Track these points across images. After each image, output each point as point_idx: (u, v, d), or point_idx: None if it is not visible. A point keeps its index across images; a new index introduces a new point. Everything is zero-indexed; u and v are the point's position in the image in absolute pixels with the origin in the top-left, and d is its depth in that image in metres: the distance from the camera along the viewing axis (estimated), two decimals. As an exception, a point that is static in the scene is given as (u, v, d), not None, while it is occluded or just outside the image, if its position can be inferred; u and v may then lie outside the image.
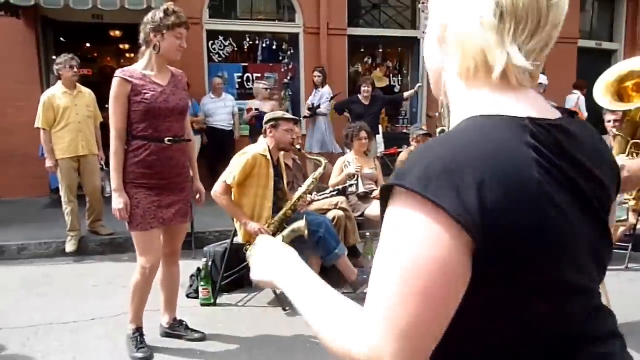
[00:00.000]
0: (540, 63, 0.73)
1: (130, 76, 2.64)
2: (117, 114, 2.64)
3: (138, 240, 2.77)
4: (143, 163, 2.68)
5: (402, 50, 8.91)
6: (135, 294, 2.84)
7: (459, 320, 0.65)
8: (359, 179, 4.66)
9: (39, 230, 5.32)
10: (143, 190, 2.69)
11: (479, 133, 0.67)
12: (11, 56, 6.73)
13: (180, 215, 2.85)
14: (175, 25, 2.65)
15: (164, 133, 2.71)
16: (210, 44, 7.64)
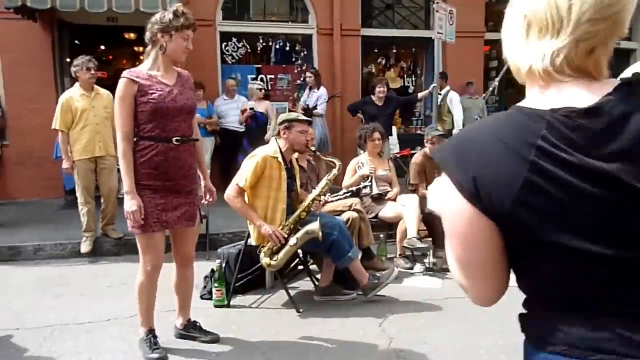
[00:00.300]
0: (587, 54, 0.81)
1: (136, 76, 2.63)
2: (123, 115, 2.62)
3: (140, 241, 2.76)
4: (149, 163, 2.65)
5: (416, 50, 8.87)
6: (141, 296, 2.83)
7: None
8: (373, 180, 4.63)
9: (54, 231, 5.37)
10: (148, 192, 2.67)
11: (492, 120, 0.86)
12: (27, 59, 6.81)
13: (185, 219, 2.79)
14: (184, 26, 2.64)
15: (171, 133, 2.69)
16: (224, 46, 7.67)
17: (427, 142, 5.00)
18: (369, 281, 3.63)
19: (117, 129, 2.65)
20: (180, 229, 2.82)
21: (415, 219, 4.39)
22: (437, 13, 6.72)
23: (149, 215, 2.67)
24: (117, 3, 5.82)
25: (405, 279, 4.18)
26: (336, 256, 3.52)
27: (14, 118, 6.87)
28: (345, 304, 3.67)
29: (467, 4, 7.78)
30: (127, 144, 2.63)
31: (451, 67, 8.13)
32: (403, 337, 3.11)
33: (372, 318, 3.38)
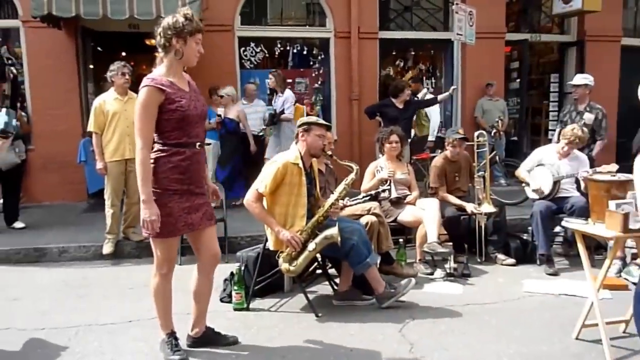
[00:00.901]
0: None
1: (161, 84, 2.62)
2: (147, 122, 2.61)
3: (162, 246, 2.75)
4: (178, 169, 2.68)
5: (435, 52, 8.81)
6: (158, 299, 2.84)
7: None
8: (392, 184, 4.61)
9: (78, 233, 5.48)
10: (176, 197, 2.69)
11: None
12: (53, 65, 6.98)
13: (206, 218, 2.84)
14: (196, 30, 2.65)
15: (194, 138, 2.72)
16: (242, 51, 7.73)
17: (448, 145, 4.96)
18: (385, 290, 3.61)
19: (137, 136, 2.62)
20: (203, 230, 2.84)
21: (436, 223, 4.35)
22: (457, 14, 6.68)
23: (177, 220, 2.70)
24: (138, 10, 5.92)
25: (426, 284, 4.15)
26: (354, 261, 3.50)
27: (38, 123, 7.03)
28: (365, 308, 3.66)
29: (488, 4, 7.70)
30: (147, 152, 2.63)
31: (471, 68, 8.06)
32: (424, 343, 3.08)
33: (392, 323, 3.36)
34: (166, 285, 2.84)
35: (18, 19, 7.03)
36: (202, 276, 2.93)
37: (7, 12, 7.21)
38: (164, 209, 2.65)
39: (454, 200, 4.81)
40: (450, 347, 3.02)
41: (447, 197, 4.82)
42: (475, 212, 4.70)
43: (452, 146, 4.88)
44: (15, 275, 4.62)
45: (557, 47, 9.27)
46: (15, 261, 4.95)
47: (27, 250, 5.02)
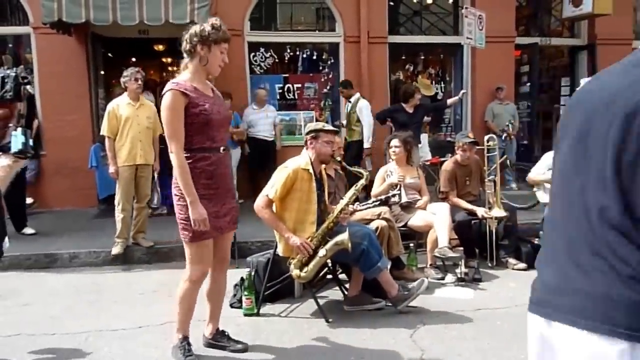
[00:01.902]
0: None
1: (185, 89, 2.66)
2: (177, 125, 2.62)
3: (194, 251, 2.77)
4: (205, 174, 2.71)
5: (444, 56, 8.78)
6: (182, 304, 2.86)
7: None
8: (402, 188, 4.58)
9: (89, 239, 5.50)
10: (205, 202, 2.70)
11: None
12: (63, 71, 7.04)
13: (232, 222, 2.90)
14: (222, 39, 2.70)
15: (218, 143, 2.76)
16: (252, 56, 7.75)
17: (458, 149, 4.93)
18: (398, 292, 3.57)
19: (170, 140, 2.63)
20: (225, 234, 2.89)
21: (447, 228, 4.31)
22: (466, 18, 6.65)
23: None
24: (148, 15, 5.97)
25: (437, 289, 4.10)
26: (365, 266, 3.48)
27: (50, 129, 7.08)
28: (375, 313, 3.62)
29: (497, 8, 7.66)
30: (182, 155, 2.64)
31: (481, 72, 8.02)
32: (435, 348, 3.04)
33: (403, 329, 3.32)
34: (194, 292, 2.86)
35: (29, 26, 7.11)
36: (214, 275, 2.98)
37: (18, 19, 7.31)
38: None
39: (464, 204, 4.77)
40: (462, 352, 2.99)
41: (457, 202, 4.78)
42: (486, 216, 4.65)
43: (462, 150, 4.84)
44: (26, 280, 4.64)
45: (568, 50, 9.20)
46: (26, 267, 4.97)
47: (37, 256, 5.04)
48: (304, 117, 7.80)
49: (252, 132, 7.09)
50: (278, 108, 7.62)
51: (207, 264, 2.83)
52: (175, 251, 5.03)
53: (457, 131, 7.85)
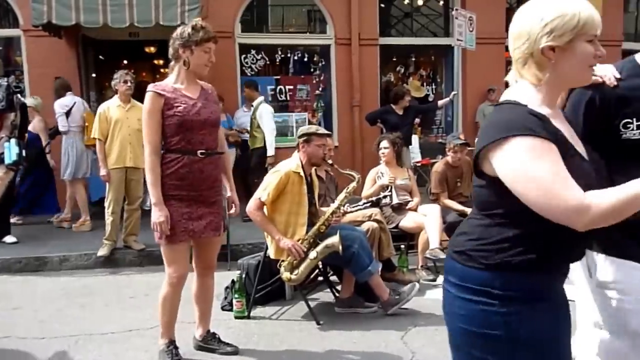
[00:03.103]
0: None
1: (162, 90, 2.68)
2: (152, 128, 2.67)
3: (166, 252, 2.78)
4: (175, 175, 2.70)
5: (435, 58, 8.82)
6: (164, 307, 2.85)
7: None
8: (393, 189, 4.59)
9: (79, 242, 5.47)
10: (174, 202, 2.70)
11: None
12: (54, 74, 6.97)
13: (211, 229, 2.83)
14: (204, 40, 2.68)
15: (197, 145, 2.73)
16: (243, 58, 7.75)
17: (449, 150, 4.94)
18: (389, 296, 3.58)
19: (145, 142, 2.69)
20: (206, 239, 2.86)
21: (438, 229, 4.33)
22: (457, 20, 6.69)
23: (176, 225, 2.70)
24: (138, 18, 5.95)
25: (428, 291, 4.12)
26: (356, 269, 3.49)
27: (41, 132, 7.02)
28: (366, 316, 3.63)
29: (487, 10, 7.71)
30: (155, 157, 2.68)
31: (471, 74, 8.06)
32: (426, 351, 3.05)
33: (394, 331, 3.33)
34: (174, 295, 2.84)
35: (19, 28, 7.07)
36: (199, 279, 2.99)
37: (8, 22, 7.26)
38: None
39: (455, 205, 4.78)
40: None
41: (448, 203, 4.80)
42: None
43: (453, 152, 4.86)
44: (16, 284, 4.61)
45: (558, 51, 9.25)
46: (16, 270, 4.93)
47: (27, 259, 5.01)
48: (296, 118, 7.80)
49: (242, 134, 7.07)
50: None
51: (183, 265, 2.81)
52: (167, 254, 5.02)
53: (448, 132, 7.87)
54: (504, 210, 1.28)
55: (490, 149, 1.23)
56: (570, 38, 1.24)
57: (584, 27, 1.24)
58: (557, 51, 1.25)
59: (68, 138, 5.95)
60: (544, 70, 1.27)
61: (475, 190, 1.37)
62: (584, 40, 1.25)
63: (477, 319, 1.29)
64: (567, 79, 1.31)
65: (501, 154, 1.21)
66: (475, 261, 1.30)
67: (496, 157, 1.23)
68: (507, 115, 1.27)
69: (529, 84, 1.30)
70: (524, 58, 1.29)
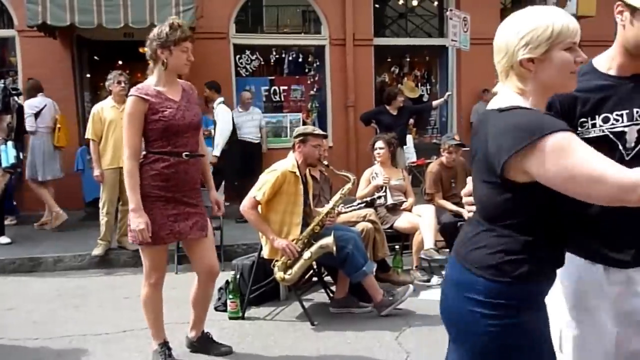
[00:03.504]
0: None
1: (145, 94, 2.63)
2: (132, 132, 2.62)
3: (148, 254, 2.74)
4: (160, 176, 2.66)
5: (430, 58, 8.85)
6: (147, 308, 2.83)
7: None
8: (387, 190, 4.61)
9: (74, 242, 5.45)
10: (159, 203, 2.68)
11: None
12: (48, 74, 6.95)
13: (197, 229, 2.79)
14: (181, 39, 2.64)
15: (181, 148, 2.70)
16: (237, 58, 7.75)
17: (443, 151, 4.96)
18: (383, 298, 3.59)
19: (124, 146, 2.64)
20: (196, 241, 2.82)
21: (432, 230, 4.34)
22: (451, 20, 6.71)
23: (161, 227, 2.67)
24: (132, 18, 5.95)
25: (422, 291, 4.13)
26: (350, 270, 3.50)
27: (34, 132, 7.00)
28: (361, 316, 3.64)
29: (482, 10, 7.73)
30: (133, 162, 2.63)
31: (466, 74, 8.09)
32: (420, 351, 3.07)
33: (388, 331, 3.34)
34: (155, 295, 2.82)
35: (14, 29, 7.04)
36: (199, 287, 2.92)
37: (3, 22, 7.24)
38: (147, 216, 2.64)
39: (450, 206, 4.80)
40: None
41: (443, 203, 4.81)
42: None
43: (448, 152, 4.87)
44: (10, 285, 4.59)
45: (552, 52, 9.32)
46: (10, 271, 4.92)
47: (21, 260, 4.99)
48: (291, 119, 7.81)
49: (237, 134, 7.07)
50: (264, 110, 7.61)
51: (162, 268, 2.80)
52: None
53: (443, 133, 7.90)
54: (523, 219, 1.28)
55: (523, 154, 1.19)
56: (545, 49, 1.27)
57: (558, 36, 1.27)
58: (535, 62, 1.28)
59: (36, 139, 5.93)
60: (525, 81, 1.31)
61: (488, 201, 1.33)
62: (560, 49, 1.28)
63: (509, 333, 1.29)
64: (550, 87, 1.33)
65: (541, 155, 1.17)
66: (506, 275, 1.27)
67: (534, 160, 1.18)
68: (524, 118, 1.24)
69: (516, 96, 1.32)
70: (505, 71, 1.34)
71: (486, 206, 1.34)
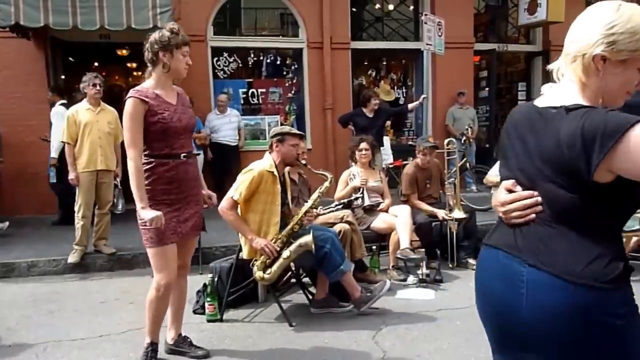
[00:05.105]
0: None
1: (145, 96, 2.68)
2: (135, 132, 2.66)
3: (156, 257, 2.77)
4: (162, 180, 2.73)
5: (406, 62, 8.97)
6: (150, 311, 2.85)
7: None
8: (364, 191, 4.67)
9: (48, 247, 5.37)
10: (163, 206, 2.72)
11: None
12: (22, 76, 6.85)
13: (195, 228, 2.92)
14: (183, 43, 2.73)
15: (179, 150, 2.78)
16: (215, 61, 7.73)
17: (418, 153, 5.05)
18: (361, 294, 3.64)
19: (128, 147, 2.68)
20: (186, 239, 2.89)
21: (408, 230, 4.42)
22: (426, 25, 6.82)
23: (166, 228, 2.71)
24: (109, 20, 5.87)
25: (399, 290, 4.20)
26: (328, 269, 3.54)
27: (8, 135, 6.88)
28: (339, 316, 3.69)
29: (456, 15, 7.90)
30: (139, 161, 2.68)
31: (441, 77, 8.23)
32: (396, 350, 3.12)
33: (365, 330, 3.39)
34: (164, 298, 2.85)
35: (-15, 30, 6.89)
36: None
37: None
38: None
39: (425, 207, 4.90)
40: (422, 353, 3.07)
41: (418, 204, 4.90)
42: (446, 218, 4.79)
43: (423, 154, 4.97)
44: (-18, 291, 4.51)
45: (524, 56, 9.55)
46: (-18, 277, 4.82)
47: (-6, 266, 4.90)
48: (269, 121, 7.83)
49: (214, 137, 7.08)
50: (242, 113, 7.62)
51: (172, 270, 2.81)
52: (138, 258, 4.98)
53: (419, 135, 8.02)
54: (606, 220, 1.22)
55: (609, 154, 1.11)
56: (626, 57, 1.18)
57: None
58: (606, 63, 1.20)
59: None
60: (589, 76, 1.22)
61: (568, 204, 1.21)
62: (637, 65, 1.20)
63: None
64: (603, 94, 1.24)
65: (626, 149, 1.10)
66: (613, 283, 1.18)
67: (622, 156, 1.10)
68: (601, 117, 1.15)
69: (572, 84, 1.25)
70: (574, 55, 1.23)
71: (568, 208, 1.22)
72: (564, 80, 1.28)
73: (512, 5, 9.13)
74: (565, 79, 1.28)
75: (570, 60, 1.25)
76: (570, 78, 1.25)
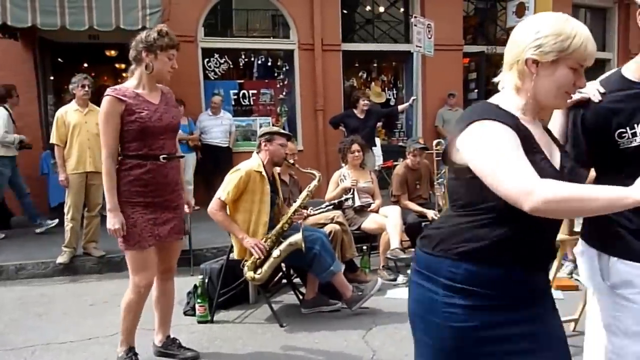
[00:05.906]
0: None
1: (123, 95, 2.64)
2: (109, 132, 2.62)
3: (133, 259, 2.74)
4: (138, 181, 2.67)
5: (396, 64, 9.01)
6: (128, 314, 2.81)
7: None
8: (355, 192, 4.69)
9: (37, 249, 5.32)
10: (139, 208, 2.68)
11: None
12: (10, 77, 6.75)
13: (175, 232, 2.84)
14: (169, 46, 2.67)
15: (158, 151, 2.71)
16: (206, 62, 7.72)
17: (409, 154, 5.08)
18: (352, 294, 3.66)
19: (102, 147, 2.65)
20: (168, 243, 2.84)
21: (398, 230, 4.44)
22: (415, 27, 6.86)
23: (143, 230, 2.68)
24: (97, 21, 5.84)
25: (389, 290, 4.22)
26: (318, 270, 3.55)
27: (-5, 136, 6.79)
28: (329, 316, 3.70)
29: (445, 18, 7.95)
30: (112, 162, 2.64)
31: (431, 79, 8.28)
32: (386, 349, 3.13)
33: (355, 330, 3.40)
34: (139, 303, 2.80)
35: (-28, 30, 6.82)
36: (158, 283, 2.95)
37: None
38: (128, 220, 2.66)
39: (415, 207, 4.93)
40: (411, 352, 3.04)
41: (408, 205, 4.93)
42: (435, 218, 4.82)
43: (413, 155, 5.00)
44: (-31, 294, 4.46)
45: (513, 58, 9.62)
46: (-31, 280, 4.77)
47: (-19, 269, 4.85)
48: (260, 123, 7.83)
49: (205, 138, 7.06)
50: (234, 114, 7.61)
51: (150, 273, 2.77)
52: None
53: (409, 136, 8.06)
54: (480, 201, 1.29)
55: (459, 138, 1.27)
56: (554, 58, 1.26)
57: (572, 53, 1.25)
58: (539, 67, 1.27)
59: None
60: (524, 80, 1.30)
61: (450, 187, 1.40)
62: (567, 65, 1.26)
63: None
64: (541, 98, 1.31)
65: (463, 137, 1.26)
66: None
67: (461, 141, 1.27)
68: (475, 109, 1.33)
69: (511, 92, 1.35)
70: (510, 63, 1.33)
71: (450, 192, 1.40)
72: (503, 89, 1.39)
73: (500, 8, 9.21)
74: (504, 88, 1.38)
75: (508, 69, 1.35)
76: (507, 85, 1.36)
